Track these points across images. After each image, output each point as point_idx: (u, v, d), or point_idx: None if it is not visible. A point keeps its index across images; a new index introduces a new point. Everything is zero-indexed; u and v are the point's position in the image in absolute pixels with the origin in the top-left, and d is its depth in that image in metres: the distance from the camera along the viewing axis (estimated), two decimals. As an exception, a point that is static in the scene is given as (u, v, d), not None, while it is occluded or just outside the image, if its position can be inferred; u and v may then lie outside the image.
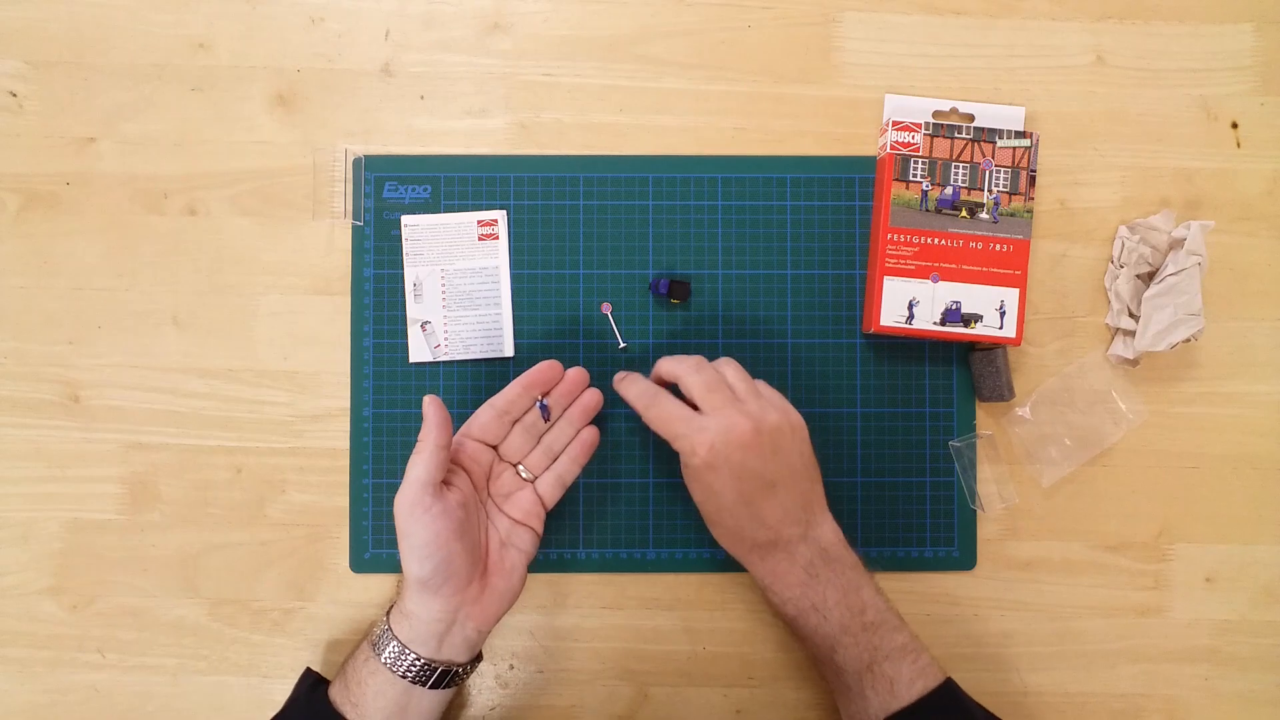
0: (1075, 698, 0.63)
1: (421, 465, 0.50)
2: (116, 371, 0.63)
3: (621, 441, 0.63)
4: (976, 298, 0.60)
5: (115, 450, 0.63)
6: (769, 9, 0.64)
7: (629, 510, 0.63)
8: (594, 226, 0.63)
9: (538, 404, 0.57)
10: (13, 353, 0.63)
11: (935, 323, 0.60)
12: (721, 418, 0.52)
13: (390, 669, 0.51)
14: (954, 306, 0.60)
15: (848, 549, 0.55)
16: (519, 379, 0.57)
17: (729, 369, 0.56)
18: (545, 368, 0.57)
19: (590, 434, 0.59)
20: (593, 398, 0.59)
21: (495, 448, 0.57)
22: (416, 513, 0.50)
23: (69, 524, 0.63)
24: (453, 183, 0.63)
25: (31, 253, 0.63)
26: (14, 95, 0.63)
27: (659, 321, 0.63)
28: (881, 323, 0.60)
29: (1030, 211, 0.60)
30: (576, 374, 0.58)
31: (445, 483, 0.52)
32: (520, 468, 0.57)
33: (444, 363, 0.63)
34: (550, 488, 0.57)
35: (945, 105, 0.63)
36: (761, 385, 0.56)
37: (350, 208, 0.63)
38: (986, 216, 0.60)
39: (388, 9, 0.64)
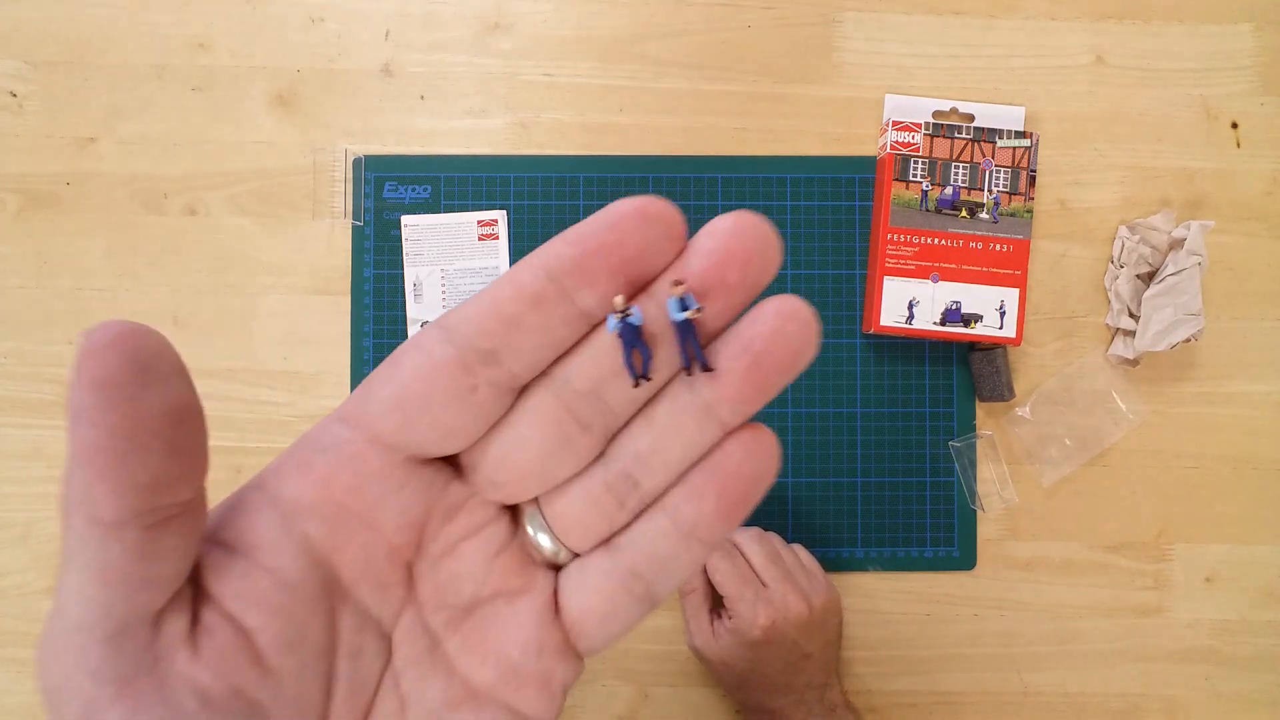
0: (1075, 698, 0.63)
1: (89, 584, 0.16)
2: (116, 371, 0.63)
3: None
4: (976, 298, 0.60)
5: (115, 450, 0.63)
6: (769, 9, 0.64)
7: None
8: (594, 226, 0.63)
9: (615, 321, 0.18)
10: (13, 353, 0.63)
11: (935, 323, 0.60)
12: (782, 592, 0.53)
13: None
14: (954, 306, 0.60)
15: (850, 709, 0.56)
16: (558, 246, 0.18)
17: (775, 542, 0.57)
18: (633, 214, 0.18)
19: (759, 446, 0.19)
20: (797, 322, 0.18)
21: (456, 459, 0.20)
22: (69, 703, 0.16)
23: (69, 524, 0.63)
24: (453, 183, 0.63)
25: (31, 253, 0.63)
26: (14, 95, 0.63)
27: (659, 321, 0.63)
28: (881, 323, 0.60)
29: (1030, 211, 0.60)
30: (729, 240, 0.18)
31: (202, 598, 0.17)
32: (533, 516, 0.20)
33: (444, 363, 0.63)
34: (608, 590, 0.20)
35: (945, 105, 0.63)
36: (800, 551, 0.58)
37: (350, 208, 0.63)
38: (986, 216, 0.60)
39: (388, 9, 0.64)
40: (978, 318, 0.60)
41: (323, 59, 0.64)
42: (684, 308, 0.18)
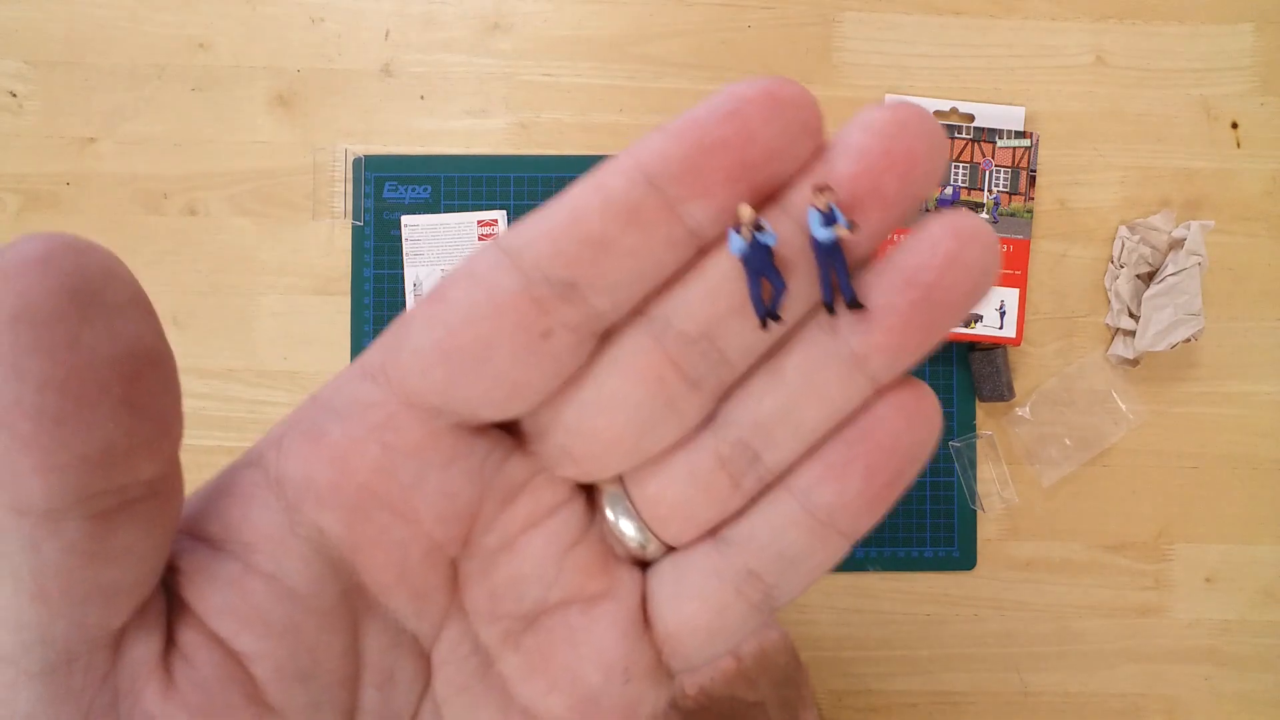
0: (1075, 698, 0.63)
1: (17, 598, 0.11)
2: (116, 371, 0.63)
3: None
4: (976, 298, 0.60)
5: (115, 450, 0.63)
6: (769, 9, 0.64)
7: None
8: (594, 226, 0.63)
9: (740, 241, 0.13)
10: (13, 353, 0.63)
11: (935, 323, 0.60)
12: None
13: None
14: (954, 306, 0.60)
15: None
16: (659, 142, 0.15)
17: None
18: (758, 99, 0.13)
19: (920, 410, 0.16)
20: (979, 246, 0.14)
21: (518, 424, 0.15)
22: None
23: (69, 524, 0.63)
24: (453, 183, 0.63)
25: (31, 253, 0.63)
26: (14, 95, 0.63)
27: (659, 321, 0.63)
28: (881, 323, 0.60)
29: (1030, 211, 0.60)
30: (888, 136, 0.13)
31: (179, 613, 0.13)
32: (616, 498, 0.16)
33: (444, 363, 0.63)
34: (715, 595, 0.15)
35: (945, 105, 0.63)
36: None
37: (350, 208, 0.63)
38: (986, 216, 0.60)
39: (388, 9, 0.64)
40: (978, 318, 0.60)
41: (323, 59, 0.64)
42: (829, 223, 0.13)
